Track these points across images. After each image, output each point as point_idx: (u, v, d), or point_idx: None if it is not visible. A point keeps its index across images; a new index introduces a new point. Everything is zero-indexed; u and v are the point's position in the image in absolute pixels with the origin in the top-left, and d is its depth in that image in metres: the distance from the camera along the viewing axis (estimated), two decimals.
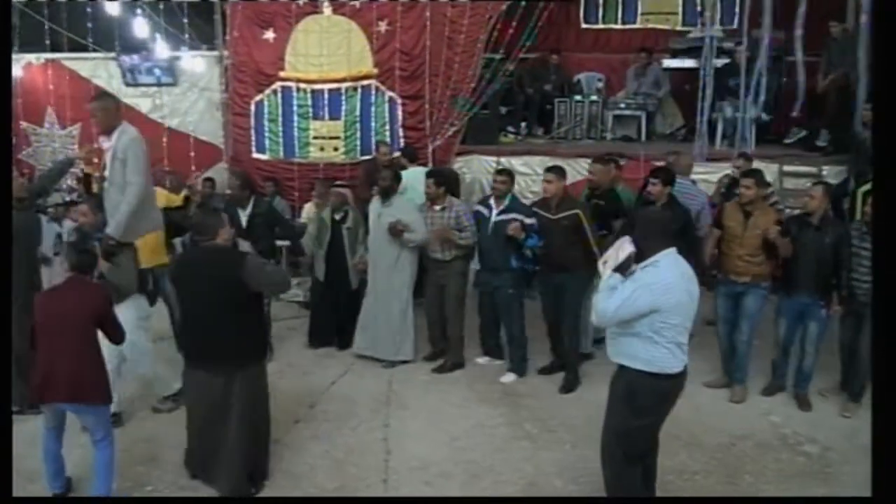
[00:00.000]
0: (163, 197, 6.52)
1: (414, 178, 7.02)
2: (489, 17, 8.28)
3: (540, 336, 6.40)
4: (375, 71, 8.71)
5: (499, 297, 6.17)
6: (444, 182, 6.40)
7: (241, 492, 4.35)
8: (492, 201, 6.13)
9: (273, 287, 4.55)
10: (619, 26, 10.35)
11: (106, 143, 5.08)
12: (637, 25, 10.32)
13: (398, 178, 6.53)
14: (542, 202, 6.02)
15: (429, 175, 6.53)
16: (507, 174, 6.26)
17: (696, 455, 4.99)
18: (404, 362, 6.47)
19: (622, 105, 9.41)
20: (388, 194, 6.38)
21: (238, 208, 6.55)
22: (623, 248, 3.67)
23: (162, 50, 9.20)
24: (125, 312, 4.75)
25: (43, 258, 5.99)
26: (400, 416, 5.57)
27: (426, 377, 6.28)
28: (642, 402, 3.87)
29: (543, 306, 6.24)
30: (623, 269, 3.70)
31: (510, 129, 9.33)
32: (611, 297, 3.71)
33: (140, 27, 8.52)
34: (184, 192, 7.22)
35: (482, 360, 6.54)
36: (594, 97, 9.46)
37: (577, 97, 9.42)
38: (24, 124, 9.99)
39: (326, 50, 8.72)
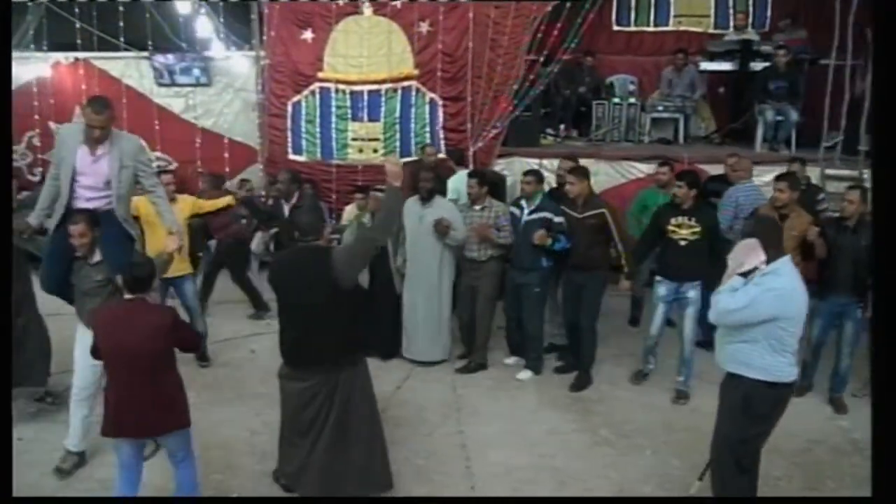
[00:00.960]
0: (188, 204, 6.43)
1: (461, 181, 6.99)
2: (533, 19, 8.22)
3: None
4: (416, 72, 8.61)
5: (524, 295, 6.24)
6: (486, 182, 6.47)
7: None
8: (523, 202, 6.21)
9: (363, 258, 4.38)
10: (651, 29, 10.34)
11: (91, 153, 4.49)
12: (669, 28, 10.31)
13: (440, 180, 6.51)
14: (570, 201, 6.08)
15: (471, 175, 6.59)
16: (535, 174, 6.34)
17: (776, 461, 4.94)
18: (436, 362, 6.54)
19: (660, 108, 9.38)
20: (430, 196, 6.39)
21: (282, 200, 6.78)
22: (755, 253, 3.62)
23: (198, 50, 9.07)
24: None
25: None
26: (473, 422, 5.52)
27: (490, 382, 6.24)
28: (759, 410, 3.83)
29: (564, 306, 6.34)
30: (747, 274, 3.66)
31: (549, 131, 9.27)
32: (733, 297, 3.67)
33: (202, 26, 8.49)
34: (228, 195, 7.19)
35: (510, 360, 6.55)
36: (632, 100, 9.43)
37: (616, 99, 9.39)
38: (52, 124, 9.82)
39: (366, 51, 8.61)
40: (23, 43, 9.62)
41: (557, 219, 6.00)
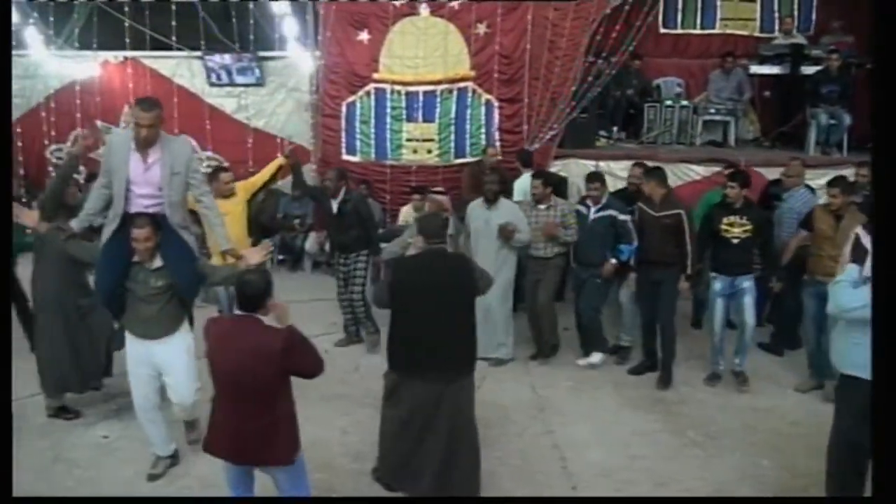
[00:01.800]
0: (243, 188, 6.46)
1: (528, 182, 7.01)
2: (592, 21, 8.23)
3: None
4: (473, 73, 8.63)
5: (586, 286, 6.40)
6: (551, 183, 6.63)
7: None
8: (588, 200, 6.39)
9: (487, 286, 4.42)
10: (697, 31, 10.33)
11: (143, 161, 4.34)
12: (716, 31, 10.30)
13: (505, 182, 6.54)
14: (647, 199, 6.19)
15: (536, 176, 6.71)
16: (600, 180, 6.47)
17: None
18: (504, 361, 6.58)
19: (711, 110, 9.40)
20: (495, 198, 6.42)
21: (331, 199, 6.74)
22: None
23: (251, 50, 9.07)
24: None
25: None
26: (559, 423, 5.53)
27: (570, 383, 6.25)
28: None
29: (639, 303, 6.42)
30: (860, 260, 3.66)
31: (602, 133, 9.28)
32: (856, 293, 3.66)
33: (289, 27, 8.53)
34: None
35: (582, 361, 6.58)
36: (684, 102, 9.45)
37: (668, 102, 9.40)
38: (99, 123, 9.82)
39: (422, 52, 8.64)
40: (69, 42, 9.62)
41: (622, 217, 6.21)
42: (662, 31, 10.35)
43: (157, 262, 4.42)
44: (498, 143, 8.62)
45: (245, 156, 9.24)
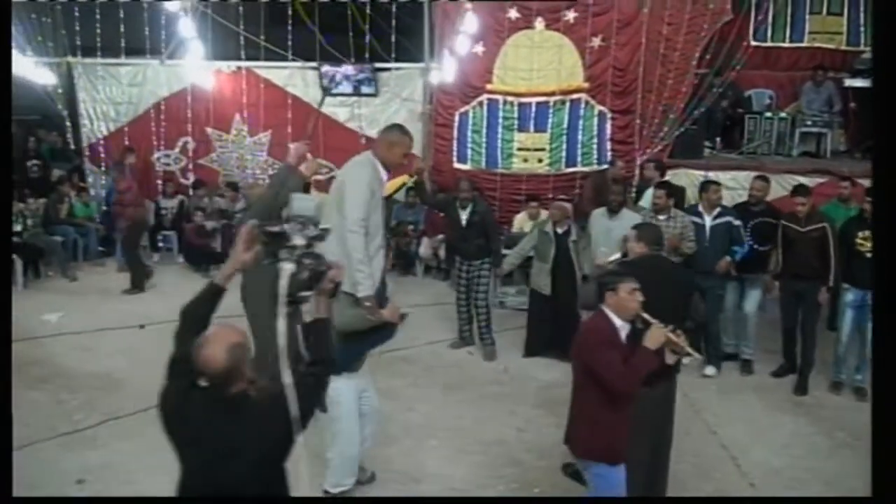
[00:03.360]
0: None
1: None
2: (703, 36, 8.54)
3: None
4: (586, 85, 8.94)
5: (708, 297, 6.41)
6: (673, 194, 6.79)
7: None
8: (700, 208, 6.62)
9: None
10: (786, 45, 10.58)
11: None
12: (804, 44, 10.55)
13: (627, 193, 6.80)
14: (791, 215, 6.42)
15: (660, 186, 6.84)
16: (718, 185, 6.82)
17: None
18: None
19: (808, 122, 9.67)
20: (618, 209, 6.68)
21: (460, 209, 6.99)
22: None
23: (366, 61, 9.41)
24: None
25: None
26: (717, 424, 5.78)
27: (714, 386, 6.53)
28: None
29: (783, 312, 6.66)
30: None
31: (706, 143, 9.57)
32: None
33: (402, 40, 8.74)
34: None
35: (710, 370, 6.77)
36: (783, 114, 9.72)
37: (768, 114, 9.68)
38: (209, 130, 10.18)
39: (537, 64, 8.95)
40: (176, 51, 9.95)
41: (736, 222, 6.52)
42: (753, 43, 10.59)
43: None
44: (609, 153, 8.92)
45: None
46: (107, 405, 5.88)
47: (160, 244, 10.24)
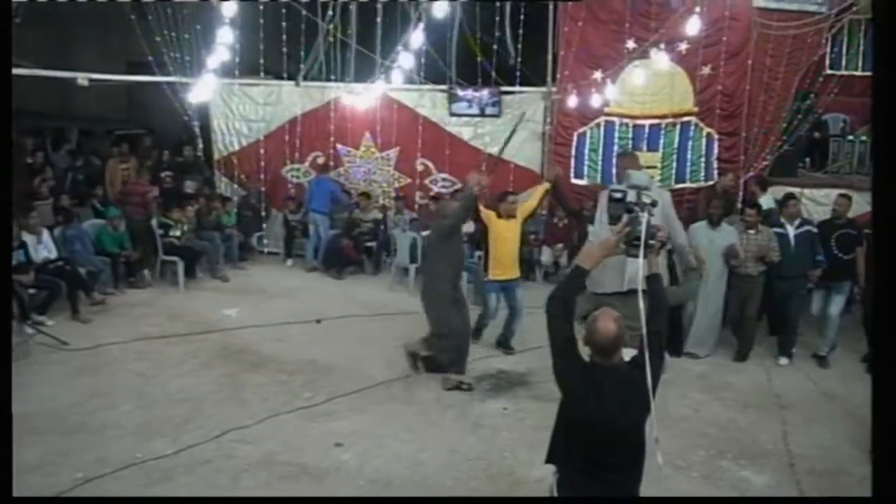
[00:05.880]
0: (522, 211, 7.32)
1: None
2: (802, 68, 9.61)
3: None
4: (696, 109, 9.97)
5: (794, 298, 7.43)
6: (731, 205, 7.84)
7: None
8: (783, 220, 7.54)
9: None
10: (859, 73, 11.62)
11: None
12: None
13: (731, 207, 7.69)
14: None
15: (753, 205, 7.73)
16: (796, 198, 7.77)
17: None
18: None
19: None
20: (719, 221, 7.52)
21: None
22: None
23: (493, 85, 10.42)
24: None
25: None
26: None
27: (799, 373, 7.32)
28: None
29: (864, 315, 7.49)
30: None
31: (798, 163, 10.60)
32: None
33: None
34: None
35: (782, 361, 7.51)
36: (863, 137, 10.76)
37: (850, 137, 10.72)
38: (339, 146, 11.12)
39: (651, 89, 9.96)
40: (311, 73, 10.91)
41: (815, 230, 7.42)
42: (829, 71, 11.65)
43: None
44: (716, 172, 9.93)
45: None
46: (326, 386, 6.62)
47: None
